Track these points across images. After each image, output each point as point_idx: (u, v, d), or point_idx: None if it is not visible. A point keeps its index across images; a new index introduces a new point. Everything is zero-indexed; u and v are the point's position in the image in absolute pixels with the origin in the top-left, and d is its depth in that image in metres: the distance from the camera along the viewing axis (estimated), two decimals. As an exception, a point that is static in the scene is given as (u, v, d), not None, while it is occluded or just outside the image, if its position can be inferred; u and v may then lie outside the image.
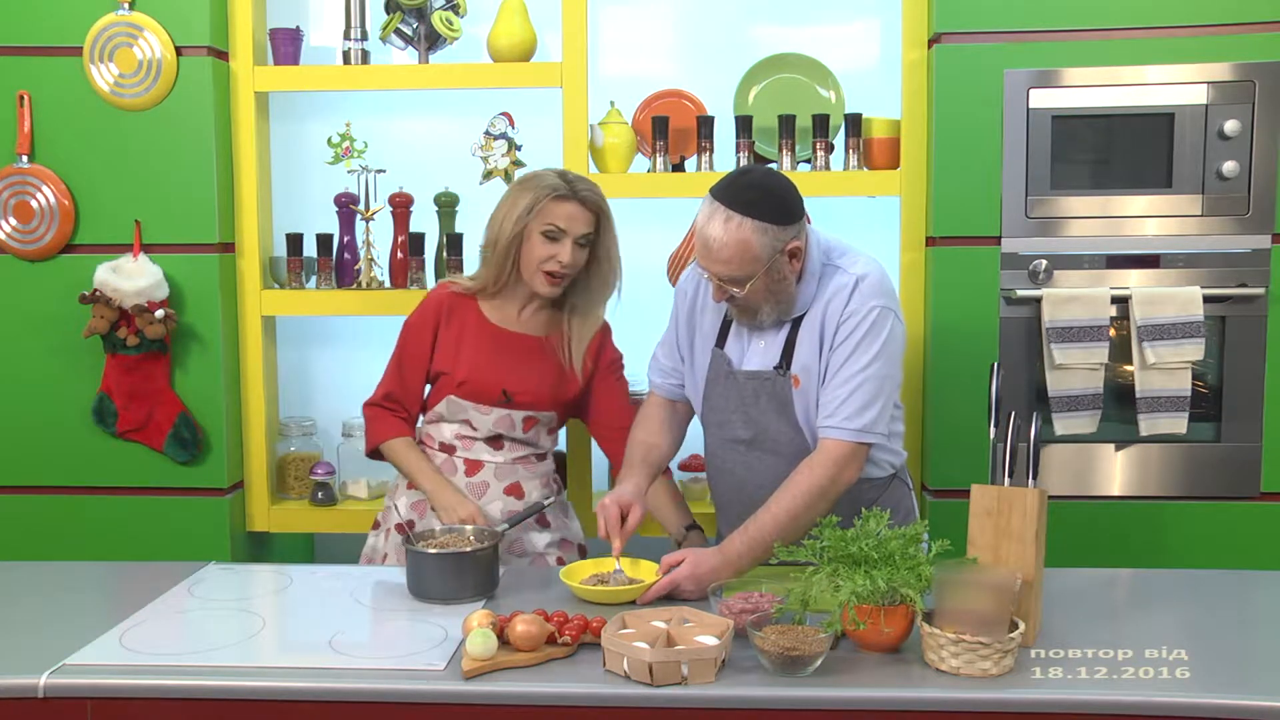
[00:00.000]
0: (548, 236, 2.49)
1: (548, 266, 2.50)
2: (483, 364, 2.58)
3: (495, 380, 2.57)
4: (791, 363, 2.32)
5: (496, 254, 2.54)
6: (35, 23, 3.04)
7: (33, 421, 3.14)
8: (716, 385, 2.42)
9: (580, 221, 2.51)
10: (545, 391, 2.60)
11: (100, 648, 1.97)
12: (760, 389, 2.36)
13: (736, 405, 2.39)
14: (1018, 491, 1.98)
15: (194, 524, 3.15)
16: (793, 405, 2.33)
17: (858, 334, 2.27)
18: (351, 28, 3.18)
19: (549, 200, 2.48)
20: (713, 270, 2.25)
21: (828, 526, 2.01)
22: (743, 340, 2.40)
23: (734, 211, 2.20)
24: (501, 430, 2.59)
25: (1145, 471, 3.00)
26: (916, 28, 3.01)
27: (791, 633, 1.85)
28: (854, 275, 2.30)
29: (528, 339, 2.61)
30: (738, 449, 2.41)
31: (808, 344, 2.32)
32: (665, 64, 3.38)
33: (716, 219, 2.21)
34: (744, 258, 2.21)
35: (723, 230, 2.20)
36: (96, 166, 3.07)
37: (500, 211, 2.55)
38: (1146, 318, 2.88)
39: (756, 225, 2.19)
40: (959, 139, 2.92)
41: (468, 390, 2.57)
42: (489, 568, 2.23)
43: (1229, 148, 2.87)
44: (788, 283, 2.29)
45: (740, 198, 2.21)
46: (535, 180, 2.53)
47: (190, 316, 3.11)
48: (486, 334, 2.60)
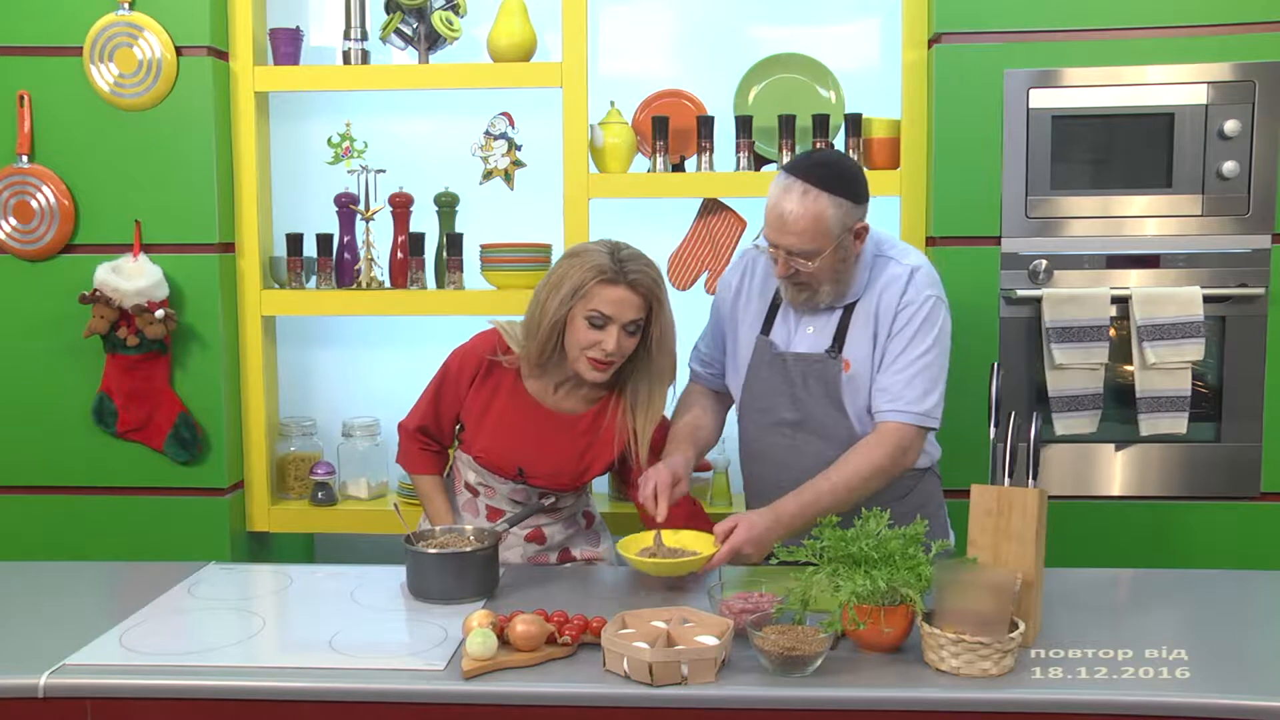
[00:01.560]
0: (592, 323, 2.31)
1: (592, 354, 2.33)
2: (502, 440, 2.46)
3: (511, 460, 2.46)
4: (843, 347, 2.36)
5: (540, 333, 2.35)
6: (35, 23, 3.04)
7: (33, 421, 3.14)
8: (761, 370, 2.44)
9: (629, 307, 2.30)
10: (564, 477, 2.48)
11: (100, 648, 1.97)
12: (809, 371, 2.38)
13: (783, 388, 2.41)
14: (1018, 491, 1.98)
15: (194, 524, 3.15)
16: (841, 389, 2.36)
17: (915, 321, 2.32)
18: (351, 28, 3.18)
19: (595, 284, 2.29)
20: (784, 243, 2.27)
21: (828, 526, 2.01)
22: (790, 326, 2.43)
23: (810, 185, 2.24)
24: (519, 499, 2.52)
25: (1145, 471, 3.00)
26: (916, 28, 3.02)
27: (791, 633, 1.85)
28: (908, 265, 2.37)
29: (559, 417, 2.46)
30: (782, 432, 2.42)
31: (860, 330, 2.36)
32: (665, 64, 3.38)
33: (793, 192, 2.24)
34: (817, 231, 2.24)
35: (799, 204, 2.23)
36: (96, 166, 3.07)
37: (545, 287, 2.36)
38: (1146, 318, 2.88)
39: (832, 200, 2.24)
40: (959, 139, 2.92)
41: (484, 461, 2.49)
42: (489, 568, 2.23)
43: (1229, 148, 2.87)
44: (850, 263, 2.33)
45: (817, 173, 2.26)
46: (583, 258, 2.33)
47: (190, 316, 3.11)
48: (516, 406, 2.46)
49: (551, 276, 2.37)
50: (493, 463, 2.48)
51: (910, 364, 2.32)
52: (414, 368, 3.45)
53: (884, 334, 2.35)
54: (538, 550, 2.52)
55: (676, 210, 3.20)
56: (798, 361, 2.39)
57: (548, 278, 2.39)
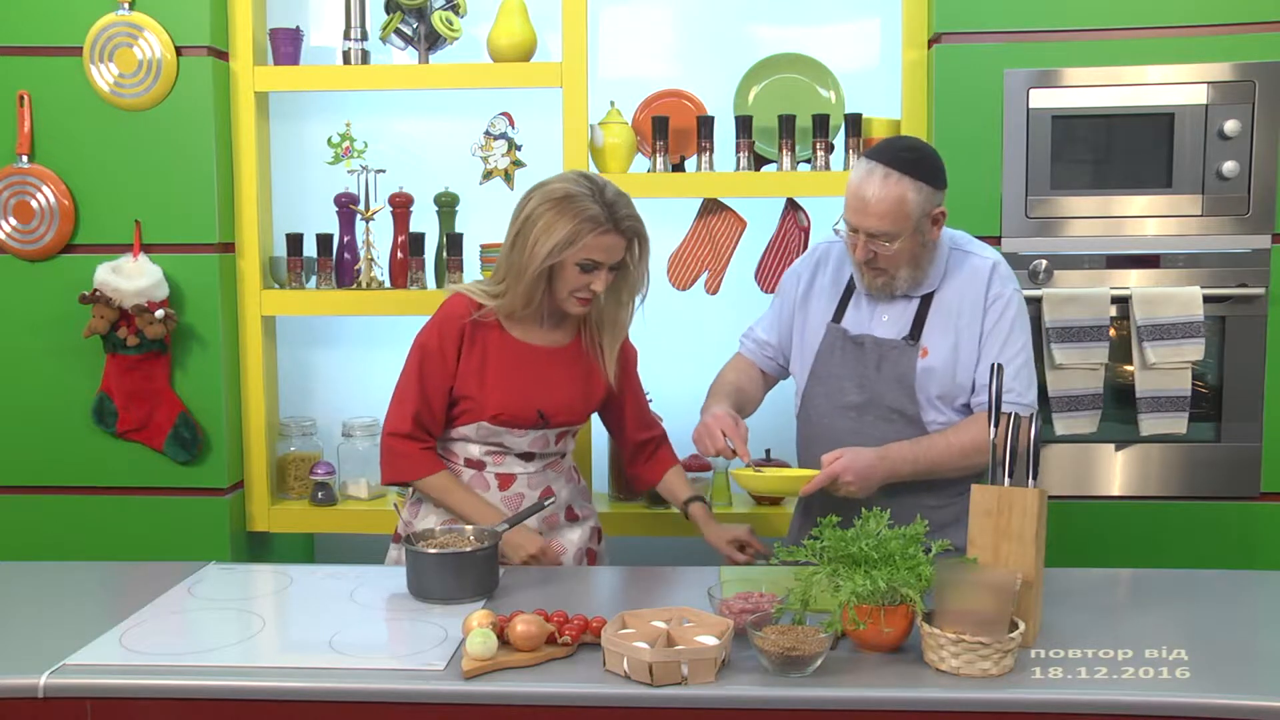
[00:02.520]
0: (582, 268, 2.35)
1: (581, 294, 2.38)
2: (514, 390, 2.43)
3: (529, 405, 2.44)
4: (921, 335, 2.38)
5: (526, 279, 2.36)
6: (35, 23, 3.04)
7: (33, 421, 3.14)
8: (832, 354, 2.45)
9: (618, 251, 2.38)
10: (578, 404, 2.51)
11: (100, 648, 1.97)
12: (885, 355, 2.39)
13: (853, 371, 2.42)
14: (1018, 491, 1.98)
15: (194, 524, 3.15)
16: (915, 375, 2.37)
17: (1009, 314, 2.37)
18: (351, 28, 3.18)
19: (592, 235, 2.33)
20: (865, 225, 2.30)
21: (828, 526, 2.01)
22: (864, 314, 2.44)
23: (892, 169, 2.28)
24: (536, 449, 2.50)
25: (1145, 471, 3.00)
26: (916, 28, 3.02)
27: (791, 633, 1.85)
28: (989, 259, 2.42)
29: (554, 351, 2.49)
30: (848, 414, 2.42)
31: (940, 320, 2.38)
32: (665, 64, 3.38)
33: (875, 175, 2.28)
34: (898, 213, 2.27)
35: (881, 186, 2.27)
36: (96, 166, 3.08)
37: (531, 236, 2.34)
38: (1146, 318, 2.88)
39: (913, 183, 2.27)
40: (959, 139, 2.92)
41: (502, 420, 2.44)
42: (489, 568, 2.23)
43: (1229, 148, 2.87)
44: (928, 249, 2.36)
45: (899, 157, 2.30)
46: (574, 208, 2.32)
47: (190, 316, 3.11)
48: (512, 355, 2.46)
49: (538, 224, 2.34)
50: (512, 415, 2.44)
51: (1015, 355, 2.36)
52: (414, 368, 3.47)
53: (970, 325, 2.37)
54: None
55: (676, 210, 3.20)
56: (875, 345, 2.41)
57: (531, 224, 2.35)
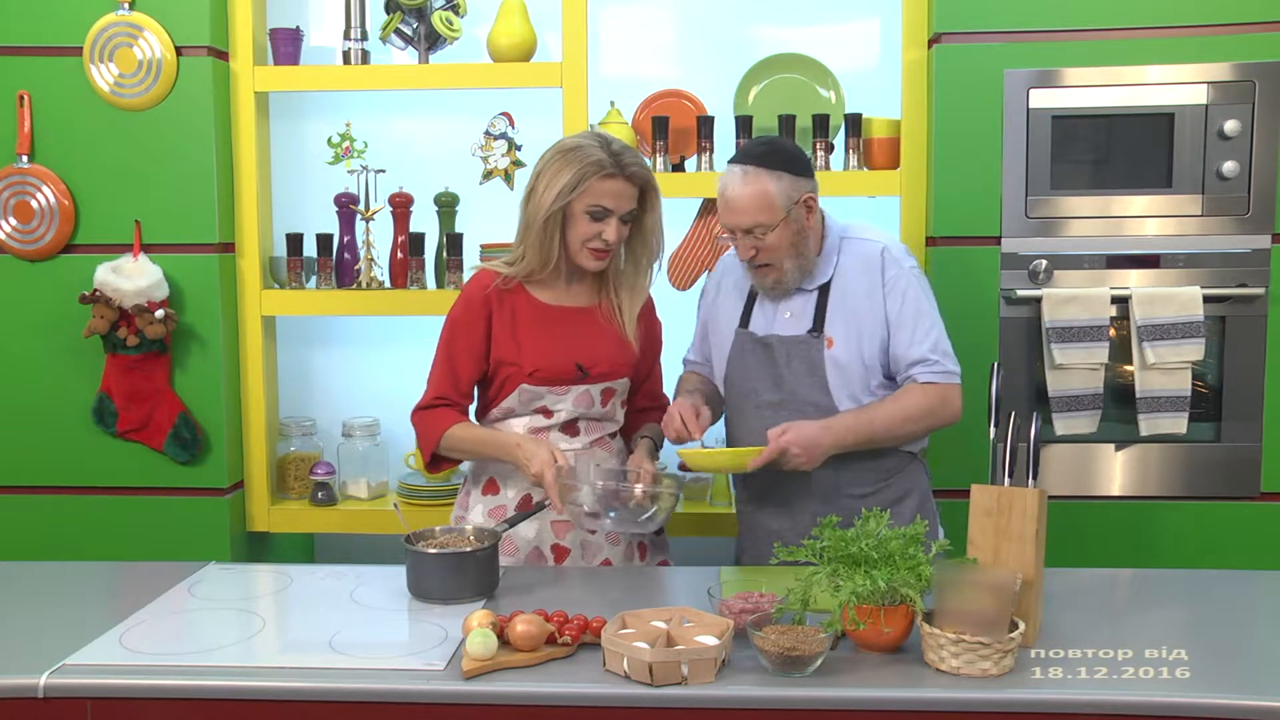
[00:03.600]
0: (592, 216, 2.38)
1: (593, 245, 2.41)
2: (549, 346, 2.45)
3: (567, 358, 2.45)
4: (824, 327, 2.43)
5: (536, 232, 2.40)
6: (35, 23, 3.04)
7: (33, 421, 3.14)
8: (743, 358, 2.51)
9: (627, 199, 2.40)
10: (615, 355, 2.51)
11: (100, 648, 1.97)
12: (793, 352, 2.45)
13: (765, 371, 2.47)
14: (1018, 491, 1.98)
15: (194, 524, 3.15)
16: (824, 366, 2.43)
17: (911, 292, 2.42)
18: (351, 28, 3.18)
19: (595, 179, 2.36)
20: (737, 223, 2.38)
21: (827, 526, 2.01)
22: (767, 315, 2.50)
23: (749, 165, 2.38)
24: (581, 409, 2.49)
25: (1145, 471, 3.00)
26: (916, 28, 3.02)
27: (791, 633, 1.85)
28: (878, 243, 2.47)
29: (582, 311, 2.51)
30: (763, 414, 2.46)
31: (839, 309, 2.44)
32: (665, 64, 3.38)
33: (735, 175, 2.39)
34: (763, 204, 2.35)
35: (741, 182, 2.37)
36: (96, 166, 3.07)
37: (540, 185, 2.40)
38: (1146, 318, 2.88)
39: (770, 174, 2.36)
40: (959, 139, 2.92)
41: (541, 376, 2.45)
42: (489, 568, 2.23)
43: (1229, 148, 2.87)
44: (807, 236, 2.42)
45: (752, 153, 2.41)
46: (579, 153, 2.38)
47: (190, 316, 3.11)
48: (542, 316, 2.48)
49: (544, 173, 2.41)
50: (551, 371, 2.45)
51: (929, 332, 2.41)
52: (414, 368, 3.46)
53: (871, 312, 2.42)
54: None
55: (676, 210, 3.19)
56: (781, 344, 2.46)
57: (539, 176, 2.42)
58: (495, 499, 2.53)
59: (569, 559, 2.50)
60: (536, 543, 2.50)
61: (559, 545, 2.50)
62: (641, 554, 2.59)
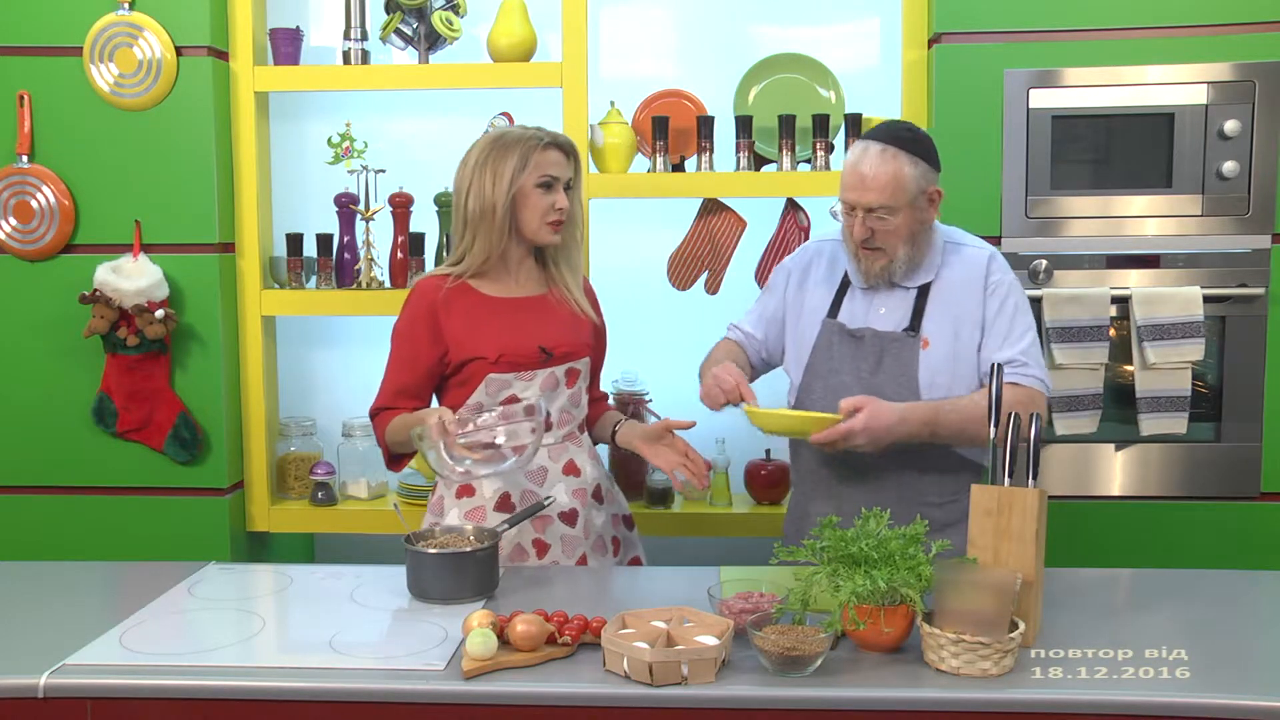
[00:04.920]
0: (544, 187, 2.43)
1: (550, 217, 2.44)
2: (511, 332, 2.46)
3: (529, 341, 2.46)
4: (920, 326, 2.38)
5: (488, 224, 2.43)
6: (35, 23, 3.04)
7: (33, 421, 3.14)
8: (829, 349, 2.44)
9: (565, 166, 2.47)
10: (575, 336, 2.53)
11: (100, 648, 1.97)
12: (886, 349, 2.39)
13: (851, 366, 2.41)
14: (1018, 491, 1.98)
15: (194, 524, 3.15)
16: (916, 367, 2.37)
17: (1013, 296, 2.40)
18: (351, 28, 3.18)
19: (537, 151, 2.43)
20: (864, 200, 2.33)
21: (827, 526, 2.01)
22: (859, 308, 2.44)
23: (888, 145, 2.33)
24: (548, 393, 2.48)
25: (1145, 471, 3.00)
26: (916, 28, 3.02)
27: (791, 633, 1.85)
28: (985, 250, 2.45)
29: (534, 300, 2.52)
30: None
31: (939, 310, 2.39)
32: (665, 64, 3.38)
33: (871, 152, 2.34)
34: (896, 186, 2.31)
35: (878, 160, 2.32)
36: (96, 166, 3.08)
37: (485, 179, 2.43)
38: (1146, 318, 2.88)
39: (909, 158, 2.33)
40: (959, 139, 2.92)
41: (506, 362, 2.45)
42: (489, 568, 2.23)
43: (1229, 148, 2.87)
44: (926, 229, 2.39)
45: (894, 135, 2.36)
46: (510, 136, 2.46)
47: (190, 316, 3.11)
48: (493, 307, 2.48)
49: (482, 168, 2.44)
50: (516, 354, 2.45)
51: (1023, 335, 2.38)
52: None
53: (971, 313, 2.38)
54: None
55: (676, 210, 3.21)
56: (875, 338, 2.40)
57: (473, 173, 2.45)
58: (471, 501, 2.50)
59: (548, 554, 2.50)
60: (518, 539, 2.49)
61: (540, 540, 2.50)
62: (615, 549, 2.60)
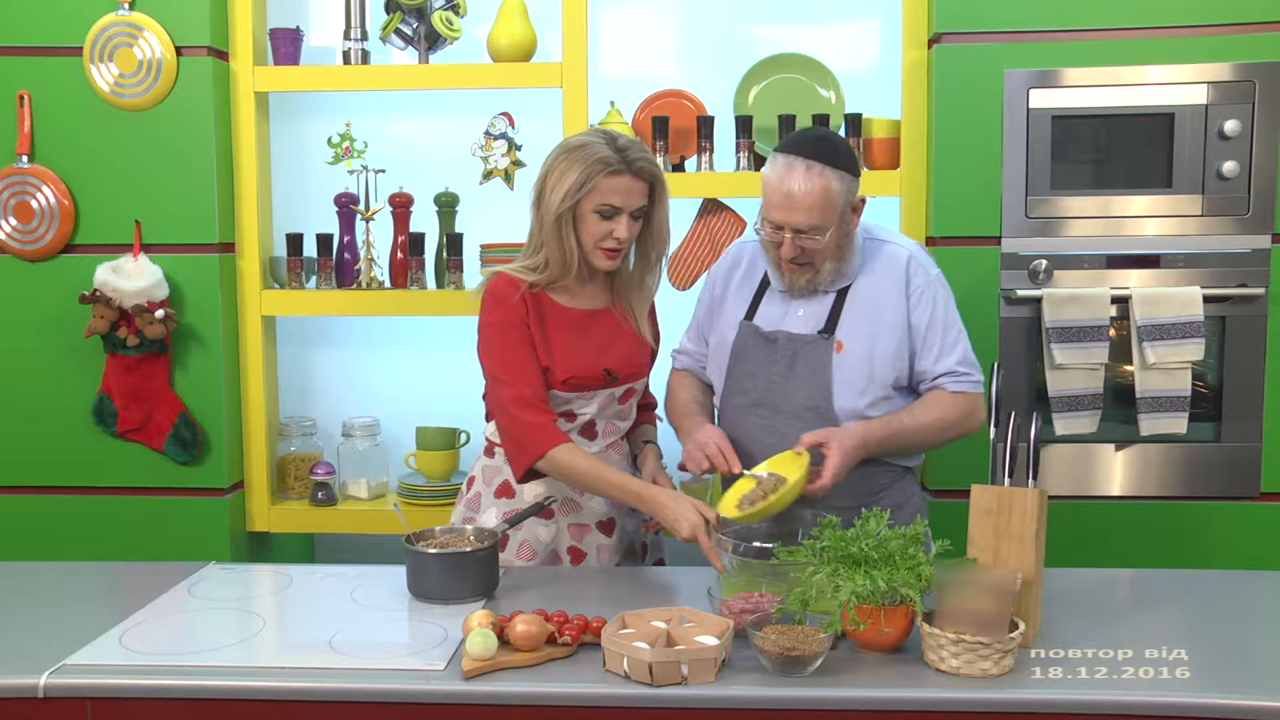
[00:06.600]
0: (601, 215, 2.33)
1: (605, 244, 2.35)
2: (580, 354, 2.40)
3: (596, 364, 2.41)
4: (836, 329, 2.36)
5: (549, 234, 2.34)
6: (35, 23, 3.04)
7: (33, 421, 3.14)
8: (746, 353, 2.42)
9: (636, 195, 2.34)
10: (637, 356, 2.49)
11: (100, 648, 1.97)
12: (799, 352, 2.36)
13: (765, 370, 2.39)
14: (1018, 491, 1.98)
15: (194, 524, 3.15)
16: (830, 370, 2.34)
17: (940, 300, 2.37)
18: (351, 28, 3.18)
19: (601, 176, 2.30)
20: (794, 221, 2.26)
21: (827, 526, 2.01)
22: (778, 311, 2.41)
23: (814, 161, 2.24)
24: (602, 411, 2.46)
25: (1145, 471, 3.00)
26: (916, 28, 3.02)
27: (791, 633, 1.85)
28: (905, 249, 2.40)
29: (601, 313, 2.47)
30: (759, 413, 2.39)
31: (858, 312, 2.35)
32: (665, 64, 3.38)
33: (797, 170, 2.24)
34: (825, 205, 2.24)
35: (804, 179, 2.23)
36: (96, 166, 3.07)
37: (547, 186, 2.34)
38: (1146, 318, 2.88)
39: (835, 173, 2.25)
40: (959, 139, 2.92)
41: (573, 384, 2.40)
42: (489, 568, 2.23)
43: (1229, 148, 2.87)
44: (851, 238, 2.34)
45: (816, 149, 2.26)
46: (584, 151, 2.32)
47: (190, 316, 3.11)
48: (566, 320, 2.42)
49: (551, 173, 2.35)
50: (582, 379, 2.41)
51: (955, 342, 2.36)
52: (414, 368, 3.47)
53: (894, 319, 2.34)
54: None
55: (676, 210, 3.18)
56: (789, 342, 2.37)
57: (546, 176, 2.36)
58: (510, 502, 2.49)
59: (584, 562, 2.50)
60: (553, 545, 2.49)
61: (575, 548, 2.50)
62: (643, 554, 2.61)
